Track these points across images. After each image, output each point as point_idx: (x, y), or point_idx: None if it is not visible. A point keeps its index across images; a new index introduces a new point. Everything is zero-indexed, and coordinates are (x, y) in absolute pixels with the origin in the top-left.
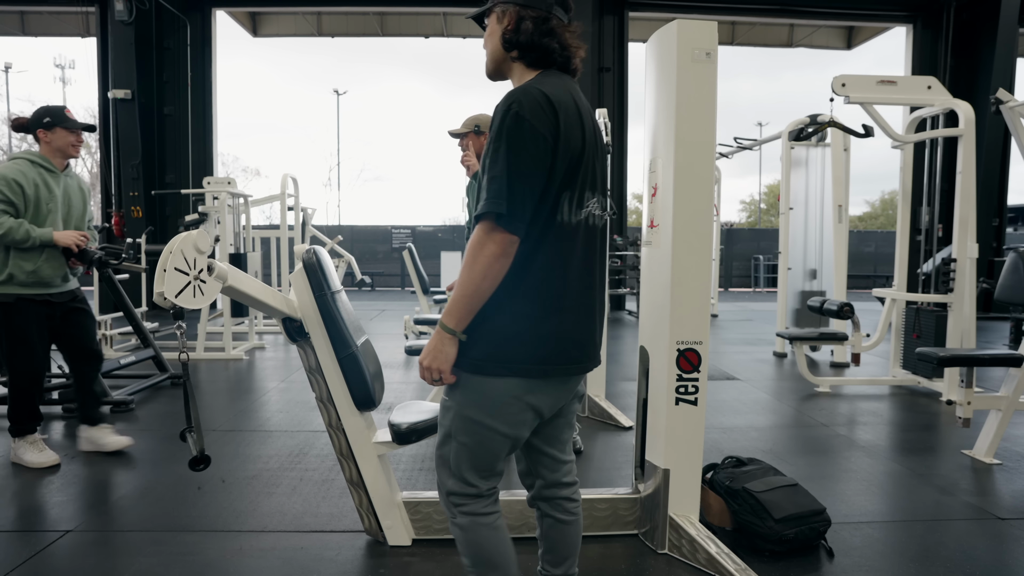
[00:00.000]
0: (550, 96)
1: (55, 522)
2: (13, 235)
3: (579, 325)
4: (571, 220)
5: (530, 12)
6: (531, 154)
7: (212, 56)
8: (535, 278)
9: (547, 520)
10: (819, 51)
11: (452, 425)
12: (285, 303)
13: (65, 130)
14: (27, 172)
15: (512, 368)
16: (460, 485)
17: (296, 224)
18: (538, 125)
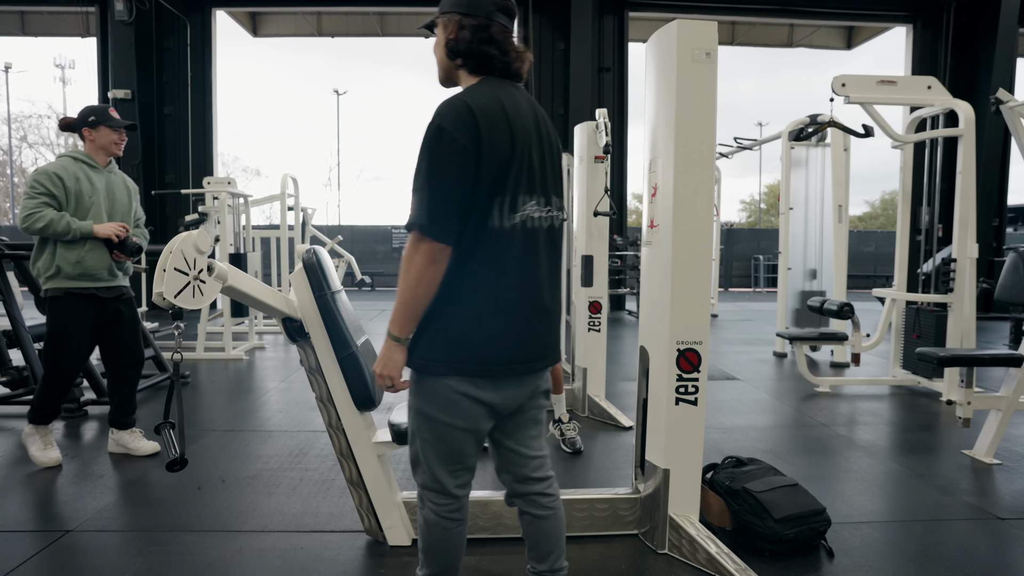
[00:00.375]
0: (472, 106)
1: (55, 522)
2: (55, 227)
3: (519, 326)
4: (504, 224)
5: (470, 20)
6: (452, 165)
7: (212, 56)
8: (471, 282)
9: (525, 517)
10: (819, 51)
11: (414, 423)
12: (285, 303)
13: (109, 128)
14: (68, 167)
15: (455, 368)
16: (430, 480)
17: (296, 224)
18: (458, 136)
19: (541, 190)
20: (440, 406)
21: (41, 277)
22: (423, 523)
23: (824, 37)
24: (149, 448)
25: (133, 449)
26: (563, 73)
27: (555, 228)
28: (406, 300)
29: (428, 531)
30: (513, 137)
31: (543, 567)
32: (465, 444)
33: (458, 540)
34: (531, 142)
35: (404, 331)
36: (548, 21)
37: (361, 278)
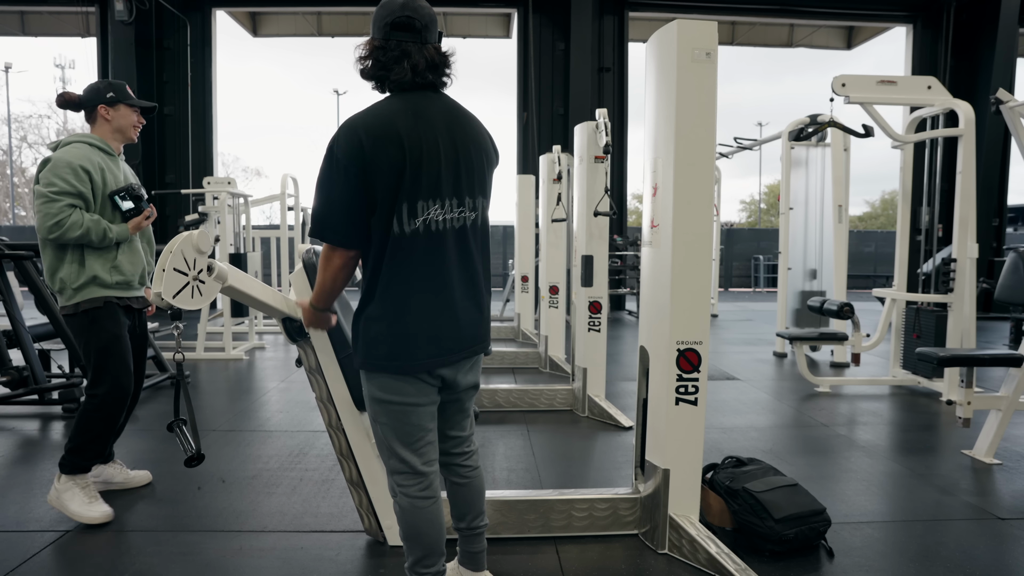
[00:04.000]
0: (359, 127)
1: (55, 522)
2: (90, 235)
3: (430, 323)
4: (406, 230)
5: (372, 43)
6: (336, 181)
7: (212, 56)
8: (382, 286)
9: (448, 483)
10: (819, 52)
11: (371, 410)
12: (285, 303)
13: (128, 107)
14: (91, 156)
15: (381, 366)
16: (398, 463)
17: (296, 224)
18: (342, 156)
19: (452, 192)
20: (388, 388)
21: (67, 290)
22: (399, 511)
23: (824, 37)
24: (142, 478)
25: (122, 483)
26: (563, 73)
27: (468, 227)
28: (325, 290)
29: (405, 516)
30: (404, 148)
31: (462, 524)
32: (421, 419)
33: (436, 519)
34: (434, 148)
35: (324, 304)
36: (548, 21)
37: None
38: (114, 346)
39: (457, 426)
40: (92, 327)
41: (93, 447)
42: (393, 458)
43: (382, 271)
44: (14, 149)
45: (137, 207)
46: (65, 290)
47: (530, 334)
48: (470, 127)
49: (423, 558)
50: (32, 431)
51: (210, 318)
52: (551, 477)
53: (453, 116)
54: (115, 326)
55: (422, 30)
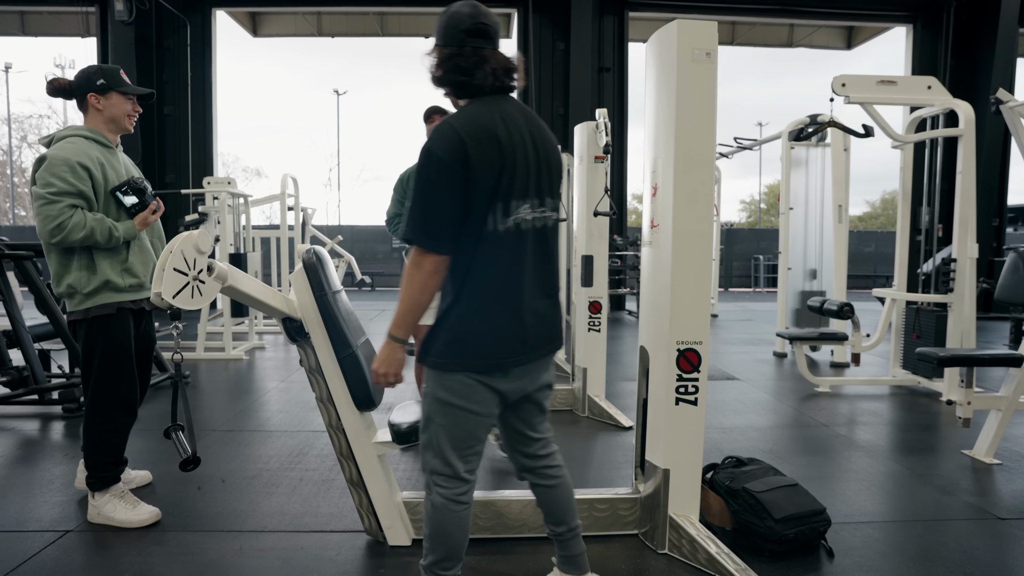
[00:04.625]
0: (457, 127)
1: (55, 522)
2: (95, 236)
3: (516, 321)
4: (499, 228)
5: (445, 50)
6: (440, 184)
7: (212, 56)
8: (472, 284)
9: (537, 488)
10: (819, 52)
11: (431, 409)
12: (285, 303)
13: (121, 95)
14: (89, 151)
15: (465, 365)
16: (441, 465)
17: (296, 224)
18: (445, 156)
19: (535, 193)
20: (456, 392)
21: (77, 295)
22: (430, 508)
23: (824, 37)
24: (143, 478)
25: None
26: (563, 73)
27: (547, 227)
28: (410, 307)
29: (435, 515)
30: (502, 149)
31: (560, 529)
32: (477, 428)
33: (463, 524)
34: (523, 149)
35: (406, 334)
36: (548, 21)
37: (361, 278)
38: (121, 356)
39: (538, 426)
40: (101, 335)
41: (109, 458)
42: (437, 458)
43: (472, 269)
44: (14, 149)
45: (142, 202)
46: (75, 295)
47: None
48: (544, 130)
49: (443, 560)
50: (32, 431)
51: (210, 318)
52: None
53: (530, 119)
54: (125, 335)
55: (494, 36)
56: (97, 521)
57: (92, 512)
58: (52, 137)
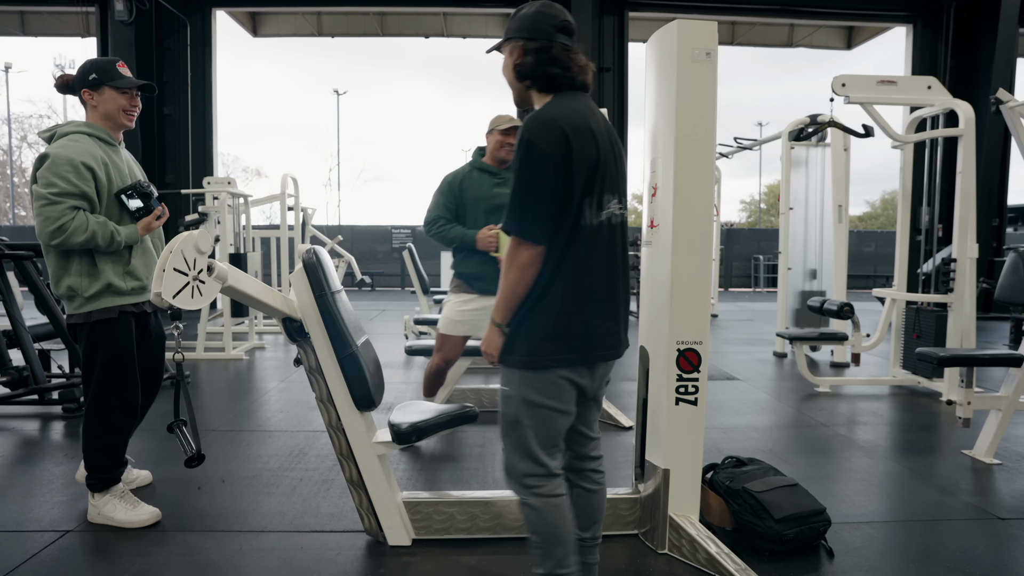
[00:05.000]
0: (559, 119)
1: (55, 522)
2: (97, 240)
3: (606, 315)
4: (593, 222)
5: (533, 44)
6: (543, 176)
7: (212, 56)
8: (565, 278)
9: (576, 490)
10: (819, 53)
11: (517, 412)
12: (285, 303)
13: (115, 90)
14: (92, 150)
15: (558, 360)
16: (533, 466)
17: (296, 224)
18: (548, 149)
19: (617, 188)
20: (546, 392)
21: (78, 298)
22: (533, 515)
23: (824, 37)
24: (144, 478)
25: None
26: None
27: (625, 223)
28: (508, 295)
29: (542, 516)
30: (597, 143)
31: (587, 535)
32: (563, 425)
33: (567, 515)
34: (608, 145)
35: (506, 319)
36: None
37: (361, 278)
38: (123, 359)
39: (593, 424)
40: (103, 339)
41: (110, 459)
42: (527, 460)
43: (564, 263)
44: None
45: (146, 206)
46: (75, 298)
47: None
48: (613, 129)
49: (564, 558)
50: (32, 431)
51: (210, 318)
52: None
53: (604, 117)
54: (127, 338)
55: (575, 35)
56: (97, 521)
57: (92, 512)
58: (54, 132)
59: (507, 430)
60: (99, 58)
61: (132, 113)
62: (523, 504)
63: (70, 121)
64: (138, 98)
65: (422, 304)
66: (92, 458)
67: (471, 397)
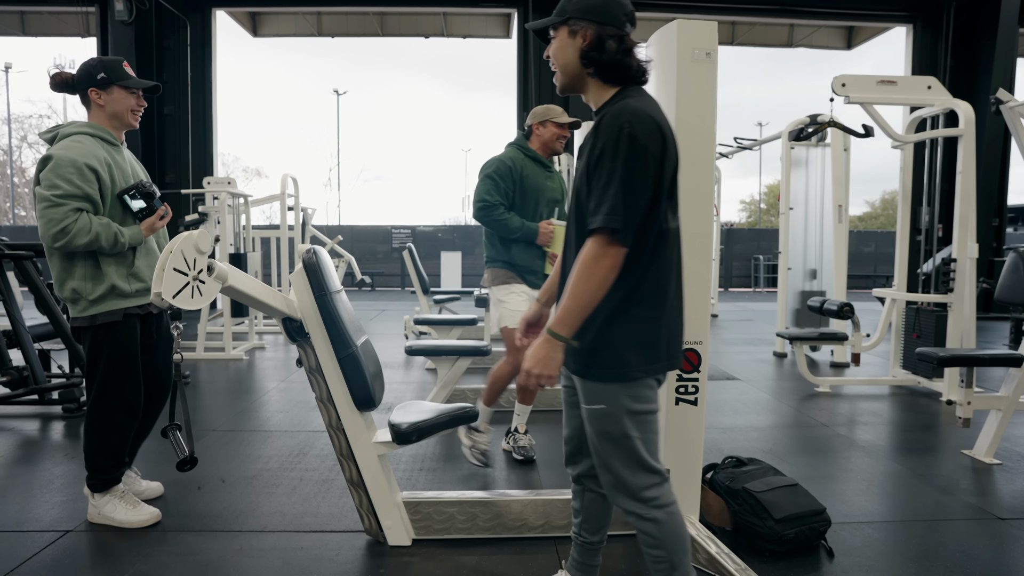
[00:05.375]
0: (654, 116)
1: (55, 522)
2: (100, 241)
3: (680, 320)
4: (673, 226)
5: (609, 30)
6: (643, 172)
7: (212, 56)
8: (651, 283)
9: (589, 495)
10: (819, 53)
11: (622, 426)
12: (285, 303)
13: (124, 90)
14: (96, 152)
15: (649, 370)
16: (649, 476)
17: (296, 224)
18: (649, 145)
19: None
20: (645, 398)
21: (82, 301)
22: (656, 529)
23: (824, 37)
24: (153, 490)
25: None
26: None
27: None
28: (585, 303)
29: (664, 531)
30: (676, 144)
31: (595, 538)
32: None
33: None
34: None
35: (572, 332)
36: None
37: (361, 278)
38: (126, 361)
39: None
40: (107, 341)
41: (111, 460)
42: (641, 471)
43: (650, 268)
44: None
45: (149, 206)
46: (79, 301)
47: None
48: None
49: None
50: (32, 431)
51: (210, 318)
52: (551, 477)
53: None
54: (131, 340)
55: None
56: (97, 521)
57: (92, 512)
58: (56, 133)
59: (611, 448)
60: (105, 57)
61: (138, 113)
62: (643, 521)
63: (72, 122)
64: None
65: (422, 304)
66: (93, 458)
67: (471, 397)
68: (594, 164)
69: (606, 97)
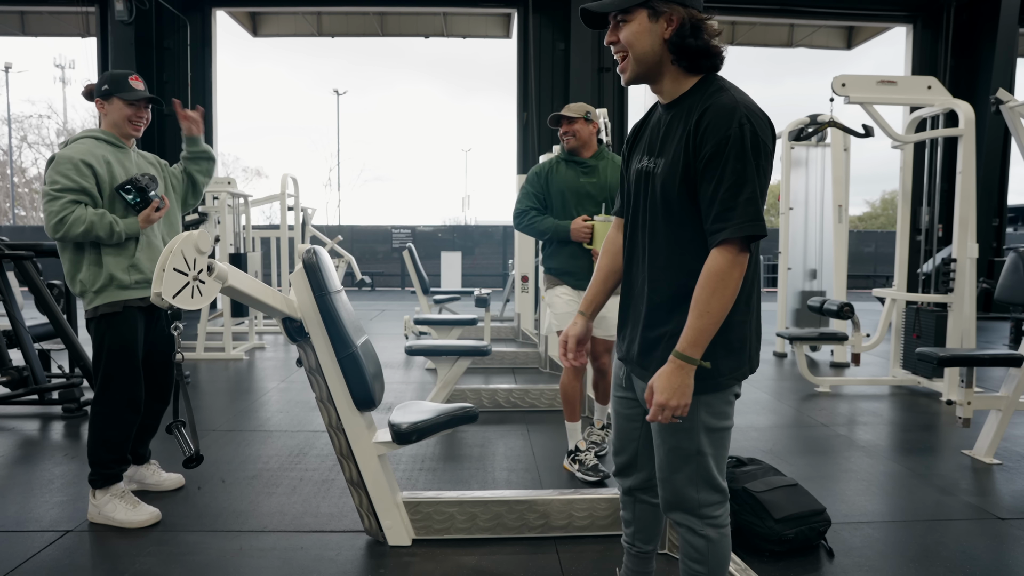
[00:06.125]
0: (761, 112)
1: (55, 522)
2: (96, 231)
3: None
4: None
5: (695, 14)
6: (768, 173)
7: (212, 56)
8: (749, 287)
9: (641, 505)
10: (819, 53)
11: (698, 442)
12: (285, 303)
13: (123, 102)
14: (94, 150)
15: (738, 376)
16: (712, 494)
17: (296, 224)
18: (769, 142)
19: None
20: (724, 414)
21: (88, 293)
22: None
23: (824, 37)
24: (173, 481)
25: (153, 484)
26: (563, 73)
27: None
28: (718, 319)
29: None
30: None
31: (648, 547)
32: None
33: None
34: None
35: (701, 352)
36: (548, 21)
37: (361, 278)
38: (126, 354)
39: None
40: (108, 332)
41: (112, 456)
42: (707, 489)
43: (748, 273)
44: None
45: (144, 199)
46: (86, 293)
47: (530, 334)
48: None
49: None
50: (32, 431)
51: (210, 318)
52: (551, 477)
53: None
54: (131, 332)
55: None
56: (97, 520)
57: (92, 511)
58: (68, 140)
59: (680, 464)
60: (115, 71)
61: (138, 124)
62: (694, 536)
63: (85, 129)
64: (147, 110)
65: (422, 304)
66: (95, 452)
67: (471, 397)
68: (705, 163)
69: (685, 87)
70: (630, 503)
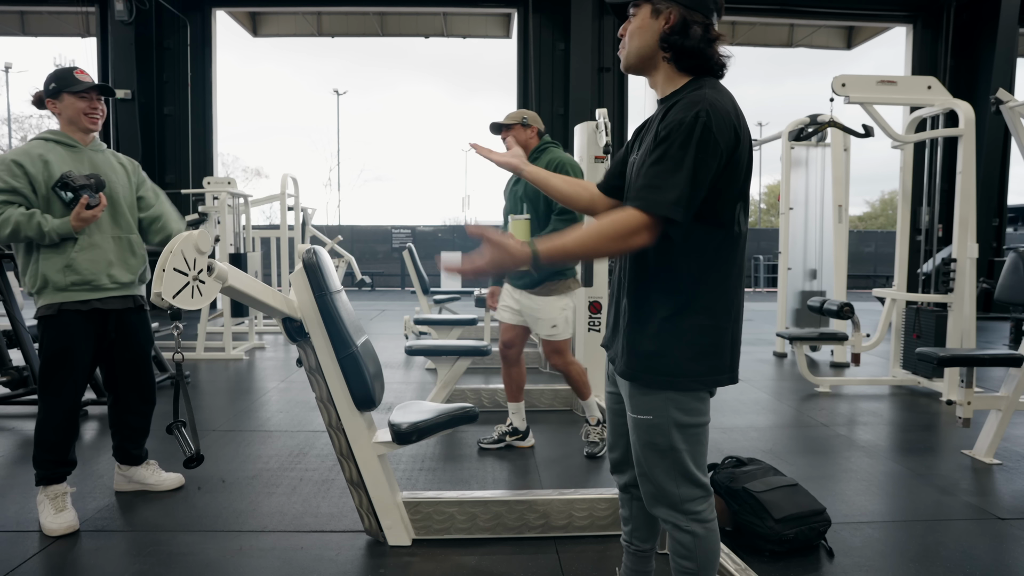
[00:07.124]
0: (730, 110)
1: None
2: (24, 231)
3: (741, 330)
4: (742, 230)
5: (696, 16)
6: (709, 168)
7: (212, 56)
8: (718, 289)
9: (637, 503)
10: (819, 53)
11: (670, 439)
12: (285, 303)
13: (73, 96)
14: (33, 150)
15: (709, 381)
16: (693, 489)
17: (296, 224)
18: (720, 140)
19: None
20: (696, 411)
21: (33, 295)
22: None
23: (824, 37)
24: (173, 481)
25: (153, 484)
26: (563, 73)
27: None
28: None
29: (701, 545)
30: (751, 146)
31: (647, 546)
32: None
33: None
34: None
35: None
36: (548, 21)
37: (361, 278)
38: (61, 359)
39: None
40: (44, 335)
41: (50, 456)
42: (686, 484)
43: (715, 275)
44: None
45: (76, 198)
46: (33, 295)
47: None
48: None
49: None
50: (32, 431)
51: (210, 318)
52: (551, 477)
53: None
54: (66, 337)
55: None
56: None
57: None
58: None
59: (656, 460)
60: (58, 69)
61: (93, 115)
62: (680, 532)
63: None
64: (100, 101)
65: (422, 304)
66: (35, 451)
67: (471, 397)
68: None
69: (676, 85)
70: (627, 500)
